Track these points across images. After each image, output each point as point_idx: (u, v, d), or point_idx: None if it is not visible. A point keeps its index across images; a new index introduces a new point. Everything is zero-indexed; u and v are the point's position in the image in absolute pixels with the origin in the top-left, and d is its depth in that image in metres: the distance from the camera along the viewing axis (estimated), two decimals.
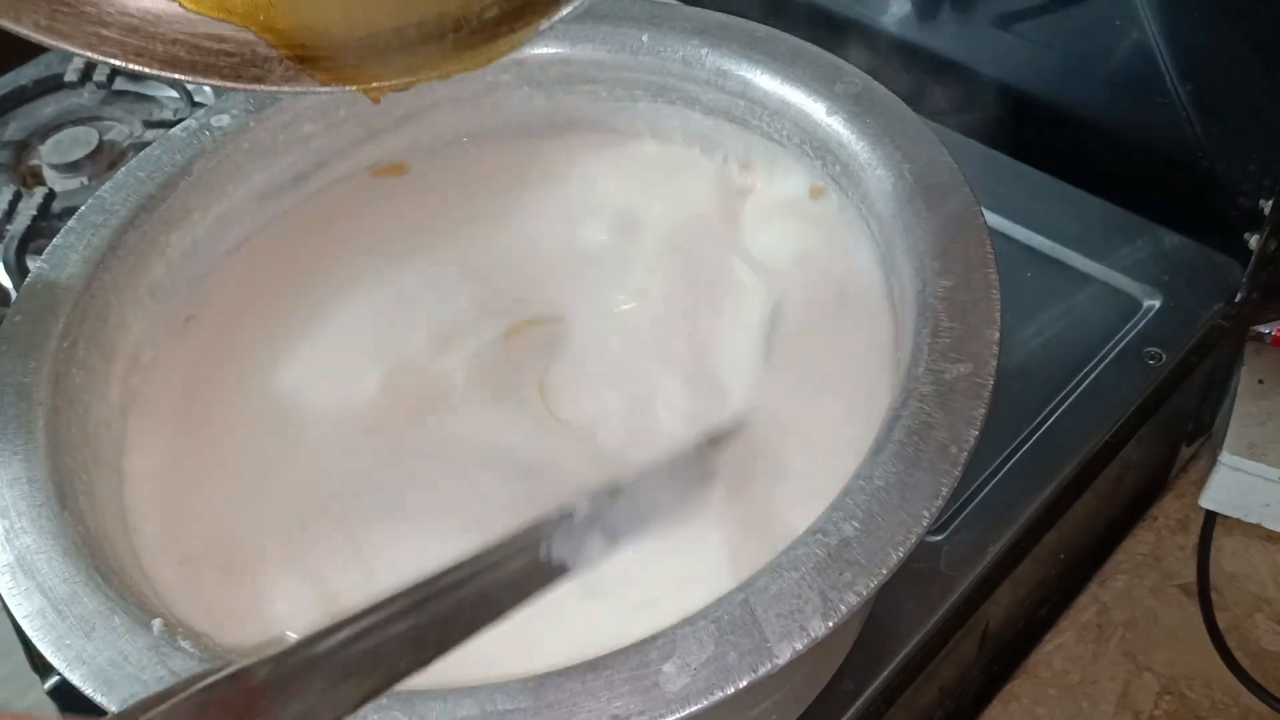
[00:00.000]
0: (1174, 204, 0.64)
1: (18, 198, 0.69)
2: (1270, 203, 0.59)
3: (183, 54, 0.37)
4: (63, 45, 0.35)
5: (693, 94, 0.56)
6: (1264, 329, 0.65)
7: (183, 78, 0.38)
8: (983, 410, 0.40)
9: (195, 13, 0.37)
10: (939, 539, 0.52)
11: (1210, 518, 0.63)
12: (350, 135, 0.57)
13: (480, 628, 0.32)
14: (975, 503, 0.54)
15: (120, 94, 0.78)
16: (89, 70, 0.77)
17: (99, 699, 0.36)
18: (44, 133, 0.75)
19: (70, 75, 0.77)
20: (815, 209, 0.53)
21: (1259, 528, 0.63)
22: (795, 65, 0.53)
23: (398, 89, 0.41)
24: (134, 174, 0.52)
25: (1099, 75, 0.66)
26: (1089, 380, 0.58)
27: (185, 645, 0.37)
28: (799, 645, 0.35)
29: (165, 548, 0.45)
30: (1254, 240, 0.61)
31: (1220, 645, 0.58)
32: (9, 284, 0.66)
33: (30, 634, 0.38)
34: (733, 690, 0.34)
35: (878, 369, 0.46)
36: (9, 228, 0.67)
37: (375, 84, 0.40)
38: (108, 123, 0.76)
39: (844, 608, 0.36)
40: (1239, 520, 0.63)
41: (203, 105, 0.72)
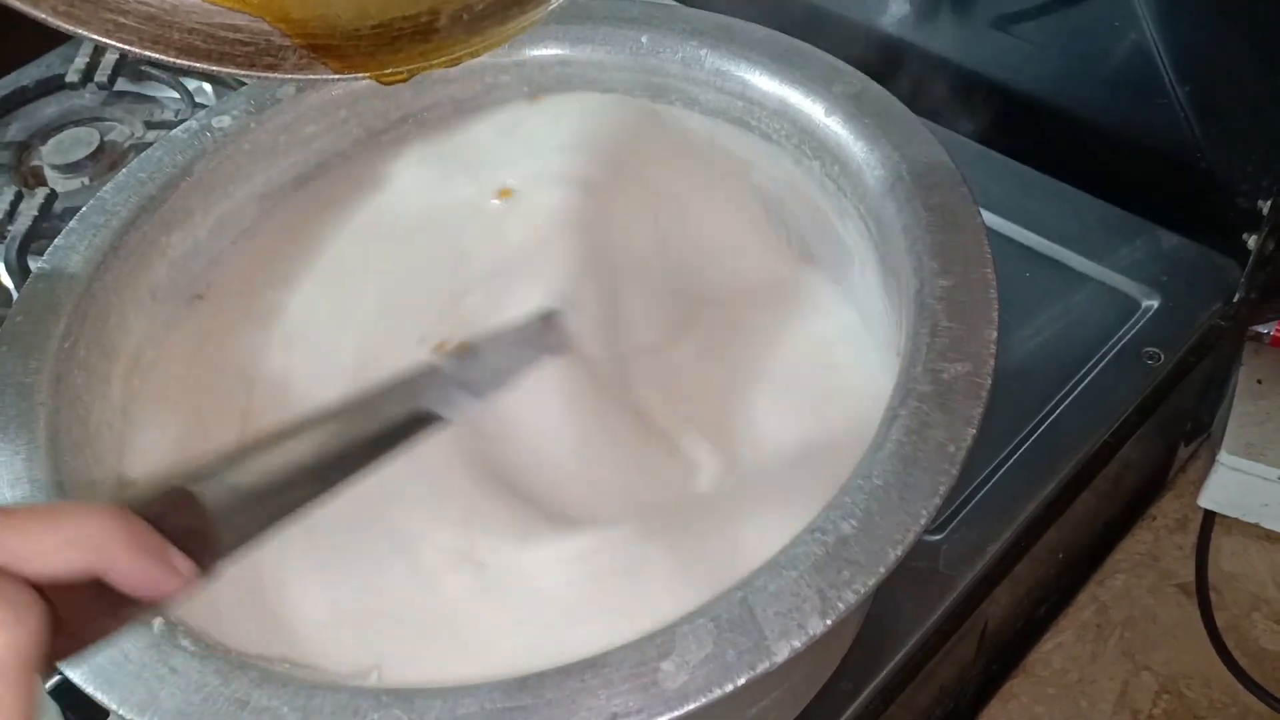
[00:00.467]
0: (1172, 204, 0.64)
1: (19, 198, 0.69)
2: (1268, 203, 0.60)
3: (199, 42, 0.38)
4: (80, 31, 0.36)
5: (692, 94, 0.56)
6: (1262, 329, 0.65)
7: (198, 65, 0.38)
8: (981, 410, 0.40)
9: (212, 2, 0.38)
10: (938, 538, 0.52)
11: (1209, 517, 0.63)
12: (351, 135, 0.57)
13: (368, 465, 0.36)
14: (974, 502, 0.54)
15: (121, 95, 0.78)
16: (90, 71, 0.77)
17: (100, 698, 0.36)
18: (45, 133, 0.75)
19: (71, 76, 0.77)
20: None
21: (1257, 527, 0.63)
22: (794, 66, 0.53)
23: (410, 75, 0.41)
24: (135, 175, 0.52)
25: (1098, 76, 0.66)
26: (1088, 380, 0.58)
27: (186, 643, 0.37)
28: (797, 643, 0.35)
29: None
30: (1252, 240, 0.61)
31: (1219, 644, 0.58)
32: (10, 284, 0.66)
33: None
34: (731, 688, 0.34)
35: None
36: (10, 228, 0.67)
37: (388, 71, 0.40)
38: (109, 123, 0.76)
39: (842, 606, 0.36)
40: (1237, 520, 0.63)
41: (204, 106, 0.72)
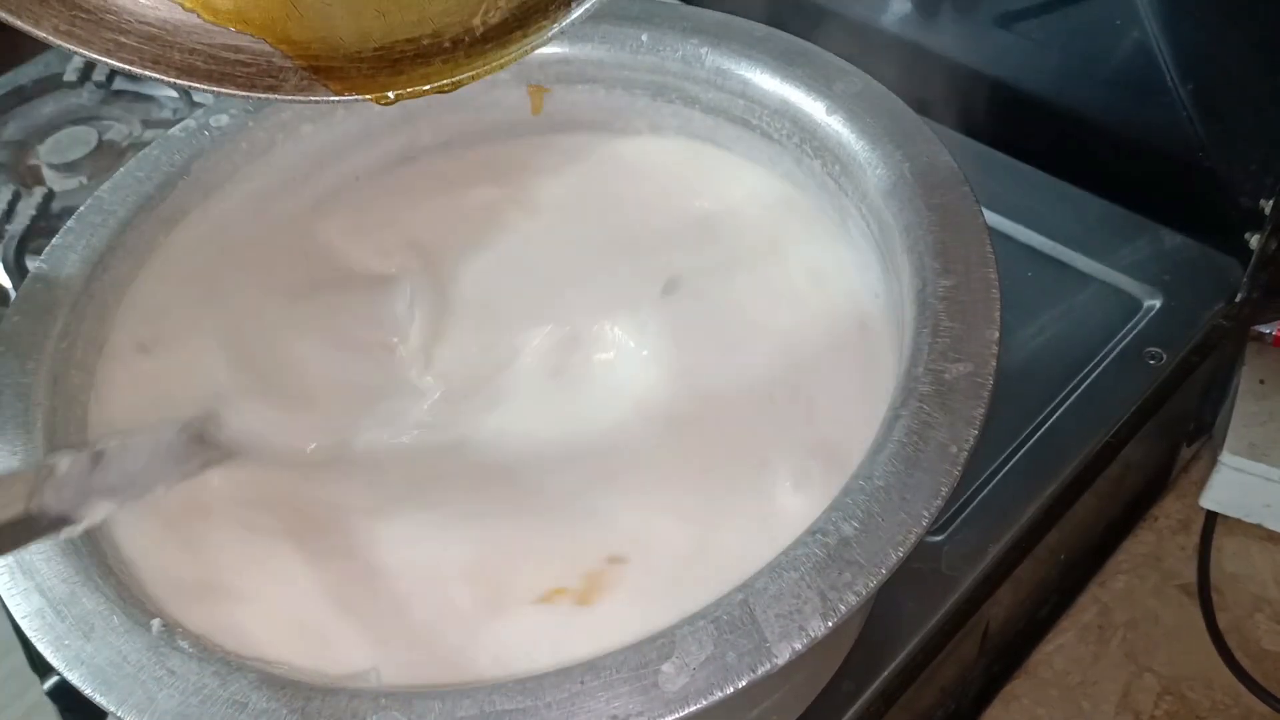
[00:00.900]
0: (1174, 204, 0.64)
1: (17, 197, 0.69)
2: (1271, 202, 0.59)
3: (199, 63, 0.38)
4: (81, 50, 0.36)
5: (692, 93, 0.56)
6: (1265, 329, 0.65)
7: (199, 86, 0.38)
8: (983, 410, 0.40)
9: (213, 23, 0.38)
10: (939, 539, 0.52)
11: (1211, 518, 0.63)
12: (349, 135, 0.57)
13: None
14: (975, 503, 0.54)
15: (119, 94, 0.78)
16: (88, 70, 0.77)
17: (98, 699, 0.36)
18: (43, 132, 0.75)
19: (69, 75, 0.77)
20: None
21: (1260, 528, 0.63)
22: (795, 64, 0.53)
23: (411, 97, 0.41)
24: (133, 174, 0.52)
25: (1099, 75, 0.66)
26: (1089, 380, 0.58)
27: (184, 645, 0.37)
28: (798, 645, 0.35)
29: (165, 545, 0.45)
30: (1255, 240, 0.61)
31: (1221, 646, 0.58)
32: (8, 284, 0.66)
33: (29, 634, 0.38)
34: (732, 690, 0.34)
35: None
36: (8, 227, 0.67)
37: (389, 93, 0.40)
38: (107, 122, 0.76)
39: (843, 608, 0.35)
40: (1240, 520, 0.63)
41: (201, 105, 0.72)
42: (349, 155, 0.57)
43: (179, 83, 0.38)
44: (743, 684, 0.34)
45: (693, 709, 0.34)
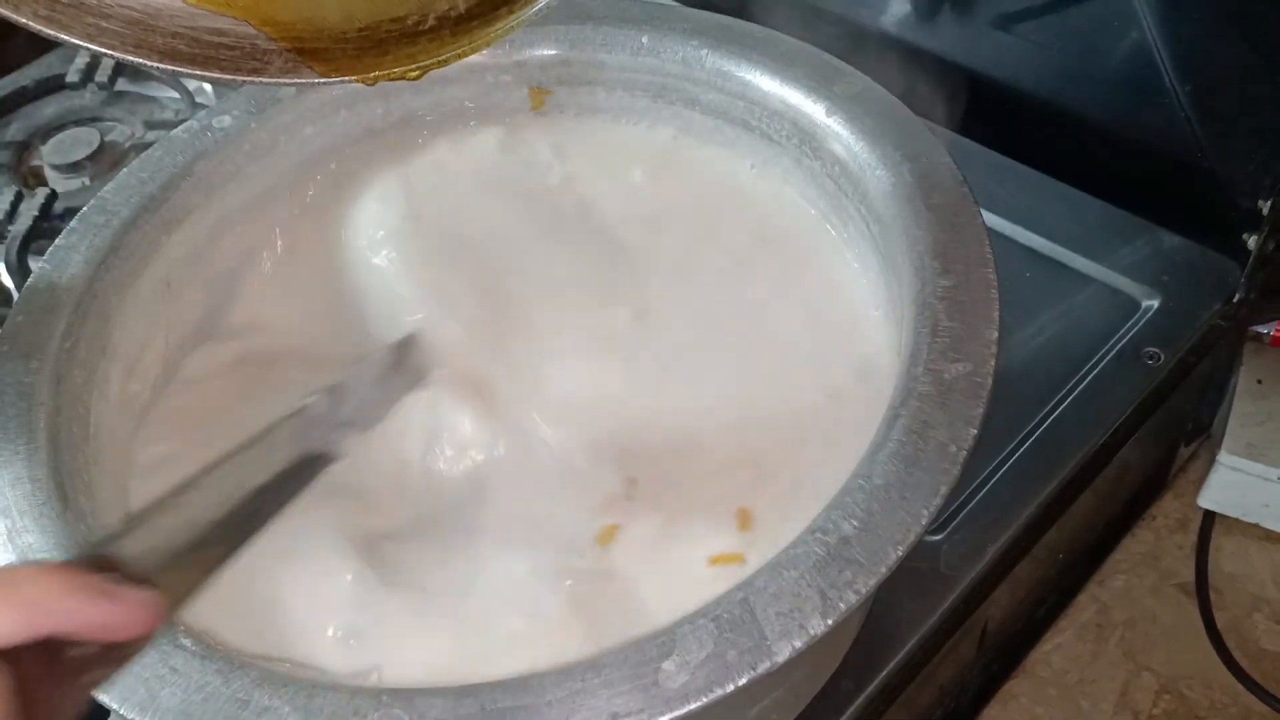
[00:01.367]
0: (1173, 204, 0.64)
1: (19, 198, 0.69)
2: (1269, 203, 0.60)
3: (182, 47, 0.37)
4: (61, 36, 0.35)
5: (692, 95, 0.56)
6: (1262, 329, 0.65)
7: (181, 70, 0.37)
8: (982, 410, 0.40)
9: (196, 7, 0.38)
10: (938, 538, 0.52)
11: (1209, 517, 0.63)
12: (351, 135, 0.57)
13: (274, 512, 0.36)
14: (974, 502, 0.54)
15: (122, 95, 0.78)
16: (91, 71, 0.77)
17: (100, 696, 0.36)
18: (45, 133, 0.75)
19: (72, 76, 0.77)
20: None
21: (1257, 527, 0.63)
22: (795, 66, 0.53)
23: (397, 78, 0.41)
24: (135, 175, 0.52)
25: (1098, 76, 0.66)
26: (1088, 380, 0.58)
27: (186, 643, 0.37)
28: (798, 643, 0.35)
29: None
30: (1252, 241, 0.61)
31: (1219, 645, 0.58)
32: (11, 284, 0.66)
33: None
34: (732, 688, 0.35)
35: None
36: (11, 228, 0.67)
37: (374, 74, 0.40)
38: (109, 123, 0.76)
39: (843, 606, 0.36)
40: (1238, 520, 0.63)
41: (204, 106, 0.72)
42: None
43: (162, 66, 0.37)
44: (743, 682, 0.35)
45: (693, 706, 0.34)
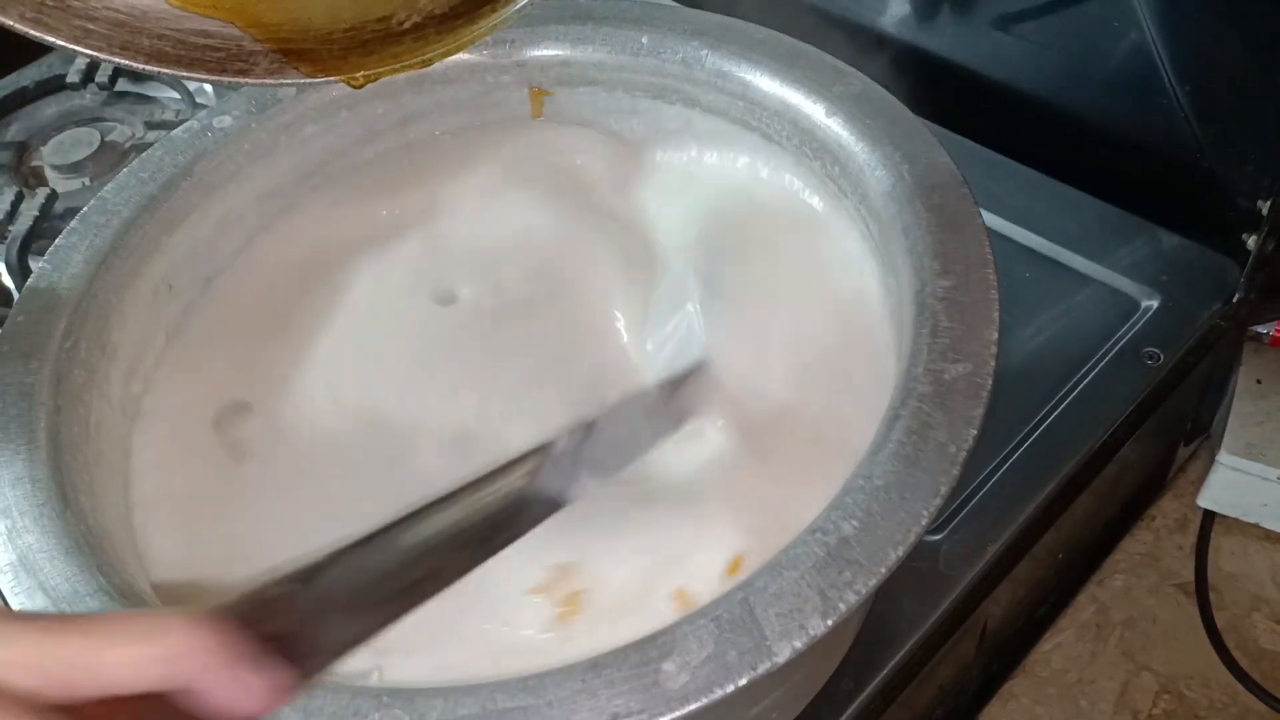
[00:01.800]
0: (1172, 205, 0.64)
1: (20, 198, 0.69)
2: (1268, 203, 0.60)
3: (169, 48, 0.37)
4: (48, 38, 0.35)
5: (693, 95, 0.56)
6: (1262, 329, 0.65)
7: (169, 71, 0.38)
8: (981, 410, 0.40)
9: (182, 9, 0.38)
10: (938, 538, 0.52)
11: (1208, 517, 0.63)
12: (351, 135, 0.57)
13: (485, 558, 0.33)
14: (974, 502, 0.54)
15: (122, 95, 0.78)
16: (91, 71, 0.77)
17: None
18: (46, 134, 0.75)
19: (72, 76, 0.77)
20: None
21: (1257, 527, 0.63)
22: (795, 66, 0.53)
23: (384, 76, 0.41)
24: (136, 175, 0.52)
25: (1098, 76, 0.66)
26: (1087, 380, 0.58)
27: None
28: (798, 644, 0.35)
29: (169, 545, 0.45)
30: (1252, 240, 0.61)
31: (1219, 645, 0.58)
32: (11, 284, 0.66)
33: None
34: (732, 689, 0.35)
35: None
36: (11, 228, 0.67)
37: (359, 74, 0.40)
38: (109, 124, 0.76)
39: (843, 606, 0.36)
40: (1237, 520, 0.63)
41: (205, 106, 0.72)
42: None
43: (148, 68, 0.37)
44: (743, 682, 0.35)
45: (693, 707, 0.34)
